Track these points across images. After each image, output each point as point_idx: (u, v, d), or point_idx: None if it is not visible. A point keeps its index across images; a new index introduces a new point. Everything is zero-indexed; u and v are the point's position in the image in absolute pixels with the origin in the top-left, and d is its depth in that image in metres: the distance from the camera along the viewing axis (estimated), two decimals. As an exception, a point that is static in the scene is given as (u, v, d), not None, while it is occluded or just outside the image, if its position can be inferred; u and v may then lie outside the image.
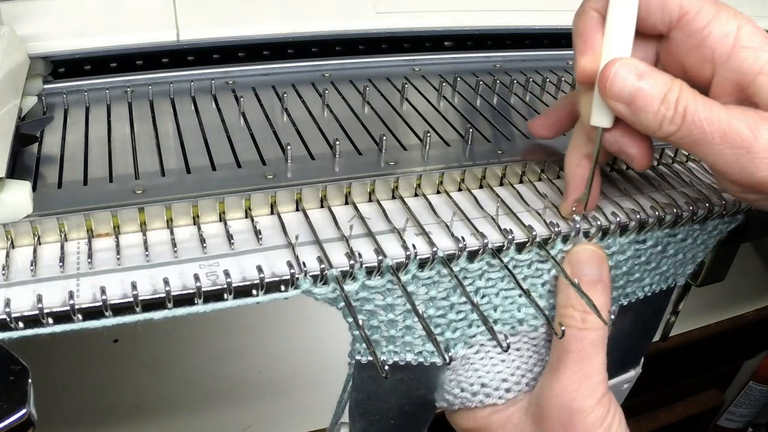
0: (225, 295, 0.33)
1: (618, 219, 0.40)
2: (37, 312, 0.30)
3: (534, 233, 0.38)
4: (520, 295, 0.40)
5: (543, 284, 0.40)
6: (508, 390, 0.41)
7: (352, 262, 0.35)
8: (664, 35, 0.36)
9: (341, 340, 0.39)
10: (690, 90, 0.34)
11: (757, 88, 0.34)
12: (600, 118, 0.37)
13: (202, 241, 0.35)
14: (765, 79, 0.33)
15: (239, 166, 0.41)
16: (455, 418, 0.44)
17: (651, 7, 0.35)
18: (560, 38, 0.63)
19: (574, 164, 0.39)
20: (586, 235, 0.40)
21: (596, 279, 0.38)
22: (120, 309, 0.32)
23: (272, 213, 0.39)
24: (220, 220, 0.38)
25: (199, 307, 0.33)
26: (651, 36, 0.37)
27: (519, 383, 0.42)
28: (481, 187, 0.43)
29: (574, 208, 0.39)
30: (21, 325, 0.30)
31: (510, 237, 0.37)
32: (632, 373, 0.53)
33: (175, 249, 0.35)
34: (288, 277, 0.34)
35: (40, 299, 0.31)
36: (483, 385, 0.41)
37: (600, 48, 0.36)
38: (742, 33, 0.34)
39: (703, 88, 0.35)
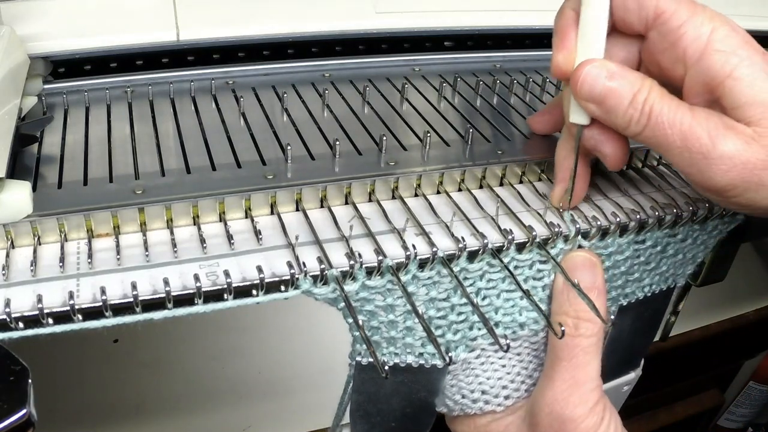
0: (225, 295, 0.33)
1: (618, 219, 0.40)
2: (37, 312, 0.30)
3: (534, 233, 0.38)
4: (521, 298, 0.40)
5: (543, 288, 0.40)
6: (507, 397, 0.41)
7: (352, 262, 0.35)
8: (643, 35, 0.37)
9: (341, 341, 0.39)
10: (659, 91, 0.35)
11: (725, 91, 0.34)
12: (577, 116, 0.38)
13: (202, 241, 0.35)
14: (733, 83, 0.34)
15: (239, 166, 0.41)
16: (454, 425, 0.44)
17: (628, 6, 0.36)
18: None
19: (562, 156, 0.40)
20: (585, 235, 0.40)
21: (590, 285, 0.39)
22: (120, 309, 0.32)
23: (272, 213, 0.39)
24: (220, 220, 0.38)
25: (199, 307, 0.33)
26: (633, 36, 0.38)
27: (518, 390, 0.42)
28: (481, 187, 0.43)
29: (561, 204, 0.40)
30: (21, 325, 0.30)
31: (510, 237, 0.37)
32: (632, 375, 0.53)
33: (175, 249, 0.35)
34: (288, 277, 0.34)
35: (40, 299, 0.31)
36: (483, 392, 0.41)
37: (574, 46, 0.37)
38: (716, 35, 0.34)
39: (678, 88, 0.36)
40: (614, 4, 0.37)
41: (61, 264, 0.33)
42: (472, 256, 0.37)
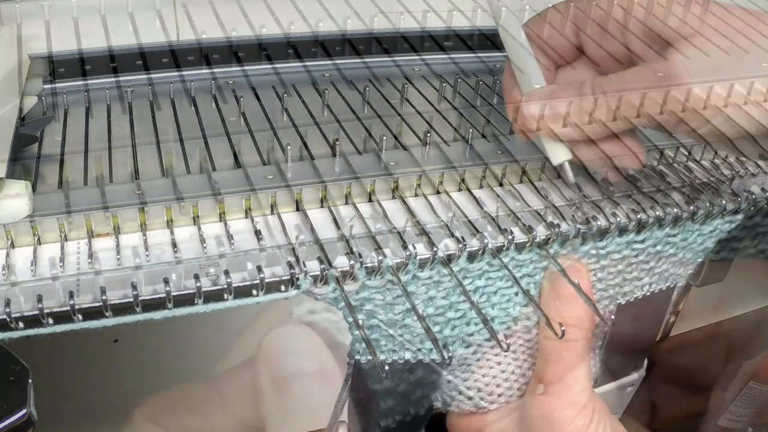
0: (225, 295, 0.33)
1: (618, 219, 0.40)
2: (37, 312, 0.30)
3: (534, 233, 0.38)
4: (516, 293, 0.40)
5: (535, 285, 0.40)
6: (500, 395, 0.42)
7: (352, 262, 0.35)
8: (580, 51, 0.40)
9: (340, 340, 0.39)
10: (601, 77, 0.37)
11: (656, 29, 0.36)
12: (557, 155, 0.39)
13: (202, 241, 0.35)
14: (654, 18, 0.36)
15: (239, 166, 0.41)
16: (453, 428, 0.45)
17: (551, 42, 0.40)
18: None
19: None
20: (585, 236, 0.40)
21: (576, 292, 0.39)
22: (120, 309, 0.32)
23: (272, 213, 0.39)
24: (220, 220, 0.38)
25: (199, 307, 0.33)
26: (576, 61, 0.41)
27: (511, 388, 0.42)
28: (481, 187, 0.43)
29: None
30: (21, 325, 0.30)
31: (510, 237, 0.37)
32: (635, 376, 0.53)
33: (176, 249, 0.35)
34: (288, 277, 0.34)
35: (40, 299, 0.31)
36: (479, 390, 0.41)
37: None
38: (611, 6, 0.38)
39: (634, 61, 0.38)
40: (543, 49, 0.39)
41: (61, 264, 0.33)
42: (472, 256, 0.37)
